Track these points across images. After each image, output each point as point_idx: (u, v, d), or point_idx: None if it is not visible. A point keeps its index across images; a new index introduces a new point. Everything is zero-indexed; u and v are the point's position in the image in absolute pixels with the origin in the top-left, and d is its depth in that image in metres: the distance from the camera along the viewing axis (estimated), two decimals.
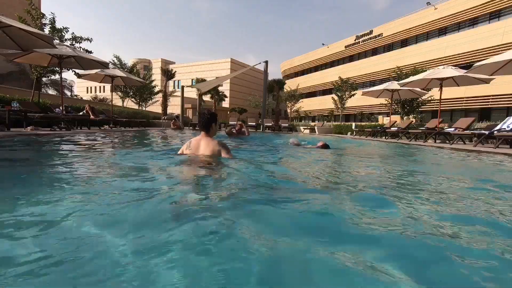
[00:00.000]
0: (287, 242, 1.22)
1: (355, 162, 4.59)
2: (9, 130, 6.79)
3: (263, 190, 2.18)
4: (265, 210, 1.67)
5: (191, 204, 1.73)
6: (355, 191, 2.27)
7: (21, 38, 6.66)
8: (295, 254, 1.13)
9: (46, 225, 1.37)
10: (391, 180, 2.98)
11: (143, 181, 2.40)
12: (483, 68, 7.85)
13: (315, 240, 1.24)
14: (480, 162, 4.93)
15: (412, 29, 28.91)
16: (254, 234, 1.27)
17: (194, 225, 1.36)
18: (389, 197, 2.06)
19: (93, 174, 2.64)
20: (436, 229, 1.42)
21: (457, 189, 2.61)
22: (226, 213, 1.55)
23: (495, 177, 3.44)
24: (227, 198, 1.88)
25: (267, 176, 2.83)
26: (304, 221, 1.51)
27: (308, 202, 1.89)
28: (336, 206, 1.82)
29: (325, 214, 1.63)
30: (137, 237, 1.24)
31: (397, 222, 1.51)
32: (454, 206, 1.95)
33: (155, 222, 1.44)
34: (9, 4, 14.64)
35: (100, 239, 1.20)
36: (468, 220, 1.62)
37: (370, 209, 1.74)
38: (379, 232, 1.35)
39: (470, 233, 1.40)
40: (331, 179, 2.91)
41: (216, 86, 25.37)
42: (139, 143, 6.50)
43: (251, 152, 5.08)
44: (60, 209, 1.57)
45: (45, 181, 2.40)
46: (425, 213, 1.68)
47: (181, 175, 2.66)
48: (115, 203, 1.71)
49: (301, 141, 6.79)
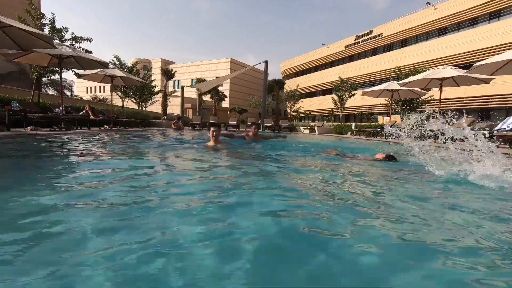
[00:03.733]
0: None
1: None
2: (9, 130, 6.78)
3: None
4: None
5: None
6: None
7: (21, 38, 6.65)
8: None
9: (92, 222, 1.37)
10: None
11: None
12: (483, 68, 7.84)
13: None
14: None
15: (412, 29, 28.90)
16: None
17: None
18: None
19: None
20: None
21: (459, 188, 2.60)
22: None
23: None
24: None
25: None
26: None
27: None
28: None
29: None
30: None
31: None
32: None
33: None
34: (9, 4, 14.62)
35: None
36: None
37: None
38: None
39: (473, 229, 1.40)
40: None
41: (216, 86, 25.36)
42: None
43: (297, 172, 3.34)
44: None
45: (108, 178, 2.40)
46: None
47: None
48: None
49: (341, 151, 4.95)
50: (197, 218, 1.50)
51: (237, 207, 1.72)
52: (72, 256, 1.07)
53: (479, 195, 2.25)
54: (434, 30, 27.44)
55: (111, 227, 1.35)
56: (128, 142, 6.49)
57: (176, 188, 2.24)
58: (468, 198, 2.22)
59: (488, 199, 2.18)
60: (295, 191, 2.27)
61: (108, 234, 1.26)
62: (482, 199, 2.18)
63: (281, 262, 1.09)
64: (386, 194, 2.31)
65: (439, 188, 2.56)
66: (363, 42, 34.38)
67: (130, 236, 1.24)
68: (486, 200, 2.16)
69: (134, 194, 1.95)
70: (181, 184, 2.38)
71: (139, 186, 2.21)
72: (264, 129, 17.03)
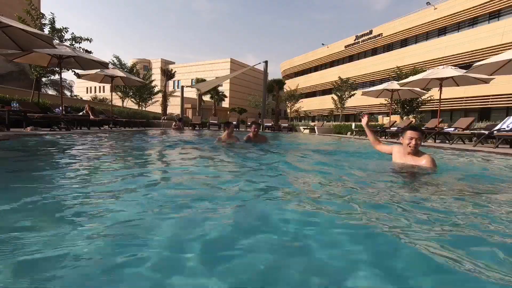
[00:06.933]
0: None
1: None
2: (8, 130, 6.78)
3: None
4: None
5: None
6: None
7: (21, 38, 6.65)
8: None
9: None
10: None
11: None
12: (482, 68, 7.84)
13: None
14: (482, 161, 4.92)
15: (412, 29, 28.91)
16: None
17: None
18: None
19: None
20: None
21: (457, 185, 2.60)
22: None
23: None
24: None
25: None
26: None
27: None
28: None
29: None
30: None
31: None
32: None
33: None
34: (9, 4, 14.60)
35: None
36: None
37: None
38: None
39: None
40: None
41: (216, 86, 25.37)
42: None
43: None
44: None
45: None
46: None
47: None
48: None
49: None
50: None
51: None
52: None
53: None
54: (434, 30, 27.45)
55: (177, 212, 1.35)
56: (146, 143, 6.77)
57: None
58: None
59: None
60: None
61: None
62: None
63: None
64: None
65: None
66: (363, 42, 34.39)
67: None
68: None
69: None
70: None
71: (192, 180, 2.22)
72: (264, 129, 17.04)
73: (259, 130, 6.10)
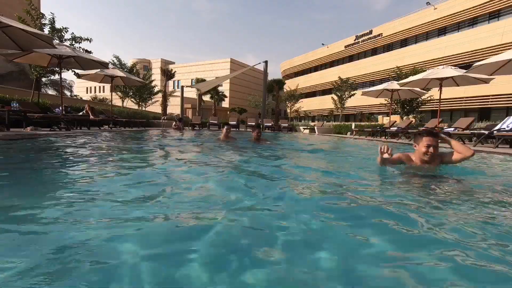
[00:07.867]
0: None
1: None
2: (8, 131, 6.78)
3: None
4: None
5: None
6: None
7: (21, 38, 6.64)
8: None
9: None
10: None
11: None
12: (482, 68, 7.83)
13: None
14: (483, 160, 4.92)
15: (412, 29, 28.92)
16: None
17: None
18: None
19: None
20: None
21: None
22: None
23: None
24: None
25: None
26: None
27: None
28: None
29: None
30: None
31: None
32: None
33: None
34: (9, 4, 14.60)
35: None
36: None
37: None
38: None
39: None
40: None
41: (215, 86, 25.38)
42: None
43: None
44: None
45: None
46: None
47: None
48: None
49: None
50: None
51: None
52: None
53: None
54: (434, 30, 27.46)
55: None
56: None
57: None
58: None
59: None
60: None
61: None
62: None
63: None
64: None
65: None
66: (363, 42, 34.40)
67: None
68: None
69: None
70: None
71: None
72: (264, 129, 17.03)
73: (261, 134, 6.10)
